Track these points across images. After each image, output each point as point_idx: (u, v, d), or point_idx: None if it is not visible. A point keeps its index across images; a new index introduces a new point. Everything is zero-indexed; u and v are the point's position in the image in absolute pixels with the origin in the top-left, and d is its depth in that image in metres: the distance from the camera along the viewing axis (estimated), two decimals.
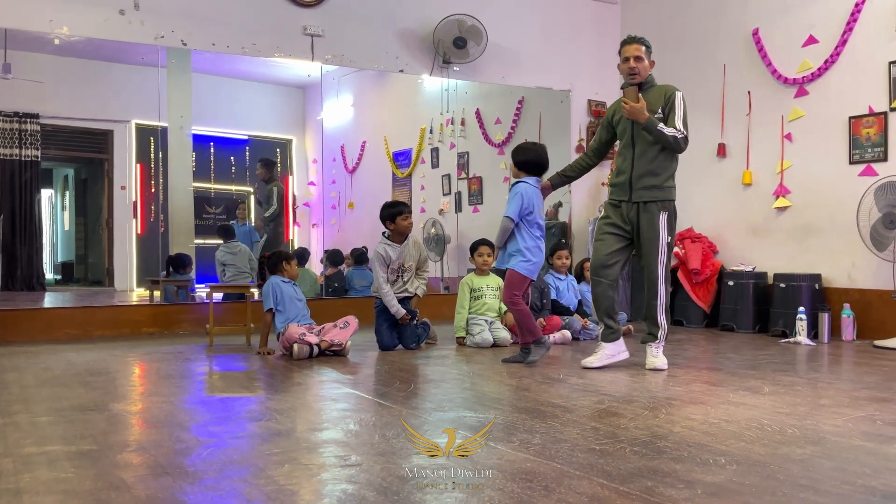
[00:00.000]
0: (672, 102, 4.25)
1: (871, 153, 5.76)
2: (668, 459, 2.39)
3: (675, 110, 4.24)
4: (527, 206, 4.35)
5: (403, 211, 5.13)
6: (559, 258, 6.09)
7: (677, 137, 4.20)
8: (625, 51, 4.36)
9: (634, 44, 4.34)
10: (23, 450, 2.52)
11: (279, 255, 5.22)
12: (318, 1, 6.52)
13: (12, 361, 4.55)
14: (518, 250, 4.37)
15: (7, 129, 7.21)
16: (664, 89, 4.33)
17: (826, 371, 4.47)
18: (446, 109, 7.78)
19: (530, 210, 4.35)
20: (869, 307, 5.70)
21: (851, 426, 2.89)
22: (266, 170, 8.37)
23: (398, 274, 5.13)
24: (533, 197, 4.39)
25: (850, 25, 5.87)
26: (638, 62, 4.32)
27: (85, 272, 8.86)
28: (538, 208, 4.40)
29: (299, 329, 4.73)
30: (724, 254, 6.82)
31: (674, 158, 4.33)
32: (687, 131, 4.25)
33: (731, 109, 6.83)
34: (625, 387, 3.73)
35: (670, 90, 4.30)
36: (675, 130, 4.20)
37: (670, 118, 4.24)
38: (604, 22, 7.92)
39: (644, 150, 4.29)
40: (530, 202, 4.36)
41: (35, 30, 5.65)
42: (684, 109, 4.27)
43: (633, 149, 4.32)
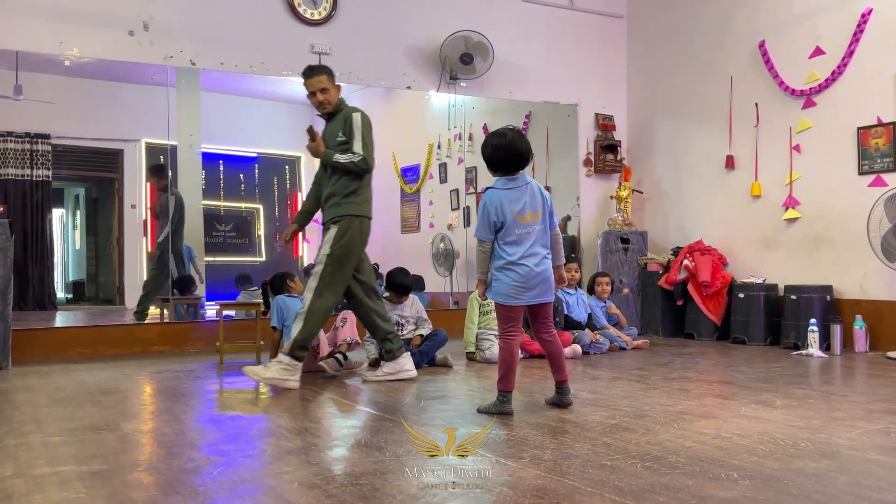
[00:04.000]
0: (350, 126, 4.39)
1: (880, 163, 5.74)
2: (680, 475, 2.38)
3: (353, 134, 4.38)
4: (495, 218, 3.42)
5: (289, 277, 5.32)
6: (568, 271, 6.07)
7: (354, 162, 4.33)
8: (309, 85, 4.46)
9: (315, 76, 4.44)
10: (34, 470, 2.52)
11: (280, 276, 5.34)
12: (325, 19, 6.57)
13: (25, 381, 4.57)
14: (493, 276, 3.51)
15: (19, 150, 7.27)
16: (345, 114, 4.45)
17: (839, 383, 4.43)
18: (454, 125, 7.80)
19: (502, 220, 3.42)
20: (881, 318, 5.66)
21: (866, 439, 2.86)
22: (157, 177, 7.30)
23: (398, 326, 5.22)
24: (503, 204, 3.42)
25: (856, 36, 5.87)
26: (324, 94, 4.44)
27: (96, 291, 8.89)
28: (512, 215, 3.41)
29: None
30: (734, 266, 6.80)
31: (358, 178, 4.42)
32: (367, 151, 4.36)
33: (739, 121, 6.83)
34: (636, 401, 3.71)
35: (348, 113, 4.43)
36: (352, 155, 4.33)
37: (351, 143, 4.38)
38: (610, 35, 7.95)
39: (329, 176, 4.47)
40: (498, 211, 3.41)
41: (46, 52, 5.71)
42: (362, 130, 4.37)
43: (326, 176, 4.52)
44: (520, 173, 3.48)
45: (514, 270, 3.41)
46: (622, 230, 7.42)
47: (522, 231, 3.42)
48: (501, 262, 3.44)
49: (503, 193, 3.44)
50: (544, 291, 3.47)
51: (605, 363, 5.23)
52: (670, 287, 6.88)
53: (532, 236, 3.44)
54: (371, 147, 4.40)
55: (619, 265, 7.30)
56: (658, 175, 7.68)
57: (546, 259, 3.48)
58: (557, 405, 3.55)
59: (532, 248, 3.43)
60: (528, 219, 3.44)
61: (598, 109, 7.88)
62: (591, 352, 5.68)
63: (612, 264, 7.25)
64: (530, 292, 3.43)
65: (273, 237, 8.87)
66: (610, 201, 7.77)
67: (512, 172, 3.47)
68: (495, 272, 3.47)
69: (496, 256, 3.46)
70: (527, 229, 3.43)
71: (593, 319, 5.99)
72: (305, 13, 6.48)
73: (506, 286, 3.43)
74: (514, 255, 3.41)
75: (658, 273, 7.07)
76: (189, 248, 7.10)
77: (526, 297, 3.44)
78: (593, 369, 4.91)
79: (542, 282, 3.45)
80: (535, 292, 3.44)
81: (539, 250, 3.45)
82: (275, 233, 8.90)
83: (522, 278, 3.40)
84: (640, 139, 7.91)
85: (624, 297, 7.15)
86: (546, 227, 3.50)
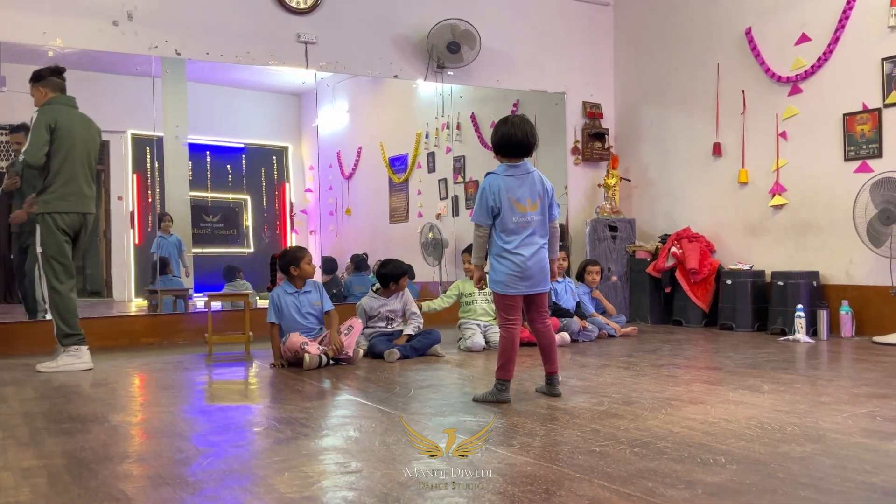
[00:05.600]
0: None
1: (865, 150, 5.77)
2: (668, 460, 2.39)
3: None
4: (493, 203, 3.40)
5: (300, 258, 4.92)
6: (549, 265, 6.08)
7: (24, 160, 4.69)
8: None
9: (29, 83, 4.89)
10: (23, 463, 2.51)
11: (291, 254, 4.94)
12: (311, 8, 6.53)
13: (11, 374, 4.54)
14: (490, 263, 3.52)
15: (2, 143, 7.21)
16: None
17: (825, 368, 4.47)
18: (441, 114, 7.79)
19: (499, 206, 3.39)
20: (867, 303, 5.71)
21: (851, 423, 2.89)
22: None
23: (387, 321, 5.20)
24: (501, 190, 3.39)
25: (842, 23, 5.89)
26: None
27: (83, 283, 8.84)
28: (509, 202, 3.38)
29: (301, 338, 4.65)
30: (721, 253, 6.83)
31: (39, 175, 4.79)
32: (29, 147, 4.66)
33: (726, 109, 6.85)
34: (625, 388, 3.73)
35: None
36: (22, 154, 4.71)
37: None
38: (597, 23, 7.94)
39: None
40: (496, 197, 3.39)
41: (29, 42, 5.65)
42: (33, 129, 4.72)
43: None
44: (522, 161, 3.46)
45: (510, 259, 3.40)
46: (610, 218, 7.44)
47: (520, 220, 3.40)
48: (497, 250, 3.43)
49: (502, 179, 3.41)
50: (540, 281, 3.46)
51: (594, 350, 5.25)
52: (658, 274, 6.91)
53: (530, 226, 3.41)
54: (35, 143, 4.66)
55: (608, 253, 7.32)
56: (645, 163, 7.70)
57: (542, 249, 3.45)
58: (546, 395, 3.56)
59: (529, 238, 3.41)
60: (527, 208, 3.41)
61: (585, 98, 7.88)
62: (580, 339, 5.70)
63: (600, 252, 7.27)
64: (526, 282, 3.42)
65: (261, 228, 8.85)
66: (598, 189, 7.79)
67: (513, 159, 3.45)
68: (492, 260, 3.46)
69: (493, 243, 3.45)
70: (525, 218, 3.40)
71: (581, 308, 6.00)
72: (291, 2, 6.44)
73: (502, 275, 3.42)
74: (511, 243, 3.39)
75: (646, 260, 7.10)
76: (178, 241, 7.08)
77: (522, 287, 3.42)
78: (582, 357, 4.93)
79: (539, 272, 3.44)
80: (531, 282, 3.43)
81: (536, 240, 3.43)
82: (263, 223, 8.87)
83: (518, 268, 3.39)
84: (627, 127, 7.92)
85: (612, 284, 7.17)
86: (545, 218, 3.48)
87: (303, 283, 4.91)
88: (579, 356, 4.96)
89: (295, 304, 4.84)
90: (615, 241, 7.38)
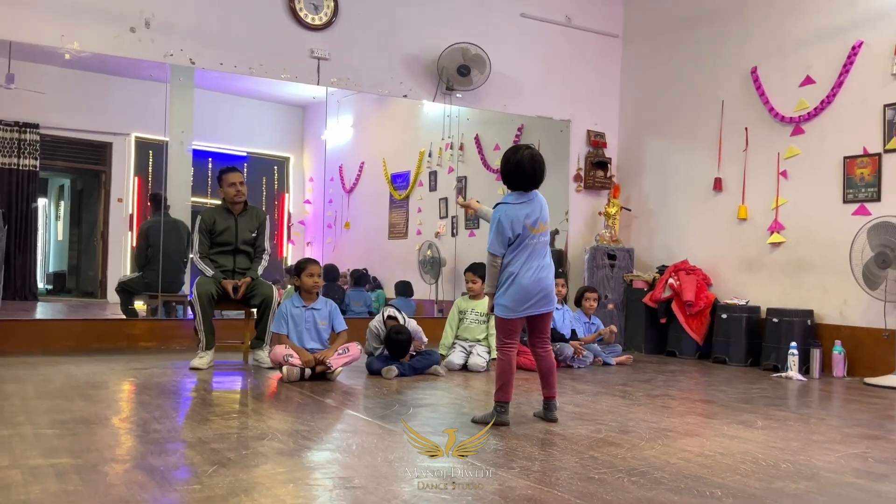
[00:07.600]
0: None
1: (864, 193, 5.86)
2: (665, 490, 2.44)
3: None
4: (510, 234, 3.47)
5: (305, 268, 4.96)
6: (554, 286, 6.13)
7: None
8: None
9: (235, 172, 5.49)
10: (30, 461, 2.54)
11: (297, 265, 5.05)
12: (325, 25, 6.61)
13: (11, 372, 4.56)
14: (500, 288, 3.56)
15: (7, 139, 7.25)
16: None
17: (817, 407, 4.53)
18: (447, 134, 7.86)
19: (517, 233, 3.47)
20: (860, 344, 5.77)
21: (843, 462, 2.94)
22: None
23: None
24: (516, 218, 3.46)
25: (846, 67, 6.00)
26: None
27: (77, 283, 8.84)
28: (526, 229, 3.47)
29: (285, 350, 4.67)
30: (718, 287, 6.90)
31: None
32: None
33: (729, 145, 6.94)
34: (621, 416, 3.78)
35: None
36: None
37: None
38: (605, 54, 8.05)
39: None
40: (514, 225, 3.46)
41: (46, 44, 5.70)
42: None
43: None
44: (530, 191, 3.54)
45: (517, 282, 3.45)
46: (609, 246, 7.51)
47: (531, 241, 3.47)
48: (505, 275, 3.48)
49: (517, 208, 3.48)
50: (545, 302, 3.51)
51: (589, 377, 5.30)
52: (654, 305, 6.96)
53: (539, 247, 3.50)
54: None
55: (605, 281, 7.38)
56: (646, 193, 7.78)
57: (547, 269, 3.52)
58: (543, 419, 3.61)
59: (536, 260, 3.48)
60: (538, 230, 3.50)
61: (590, 126, 7.97)
62: (575, 366, 5.74)
63: (598, 280, 7.33)
64: (530, 303, 3.47)
65: None
66: (598, 217, 7.86)
67: (521, 189, 3.52)
68: (501, 284, 3.51)
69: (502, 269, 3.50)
70: (535, 240, 3.49)
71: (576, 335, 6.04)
72: (307, 18, 6.52)
73: (507, 298, 3.47)
74: (518, 265, 3.46)
75: (643, 290, 7.16)
76: None
77: (527, 308, 3.47)
78: (578, 383, 4.97)
79: (543, 290, 3.49)
80: (536, 302, 3.48)
81: (543, 261, 3.51)
82: None
83: (524, 289, 3.44)
84: (630, 157, 8.01)
85: (609, 312, 7.22)
86: (548, 239, 3.59)
87: (312, 298, 4.94)
88: (575, 382, 5.00)
89: (300, 320, 4.87)
90: (613, 269, 7.44)
